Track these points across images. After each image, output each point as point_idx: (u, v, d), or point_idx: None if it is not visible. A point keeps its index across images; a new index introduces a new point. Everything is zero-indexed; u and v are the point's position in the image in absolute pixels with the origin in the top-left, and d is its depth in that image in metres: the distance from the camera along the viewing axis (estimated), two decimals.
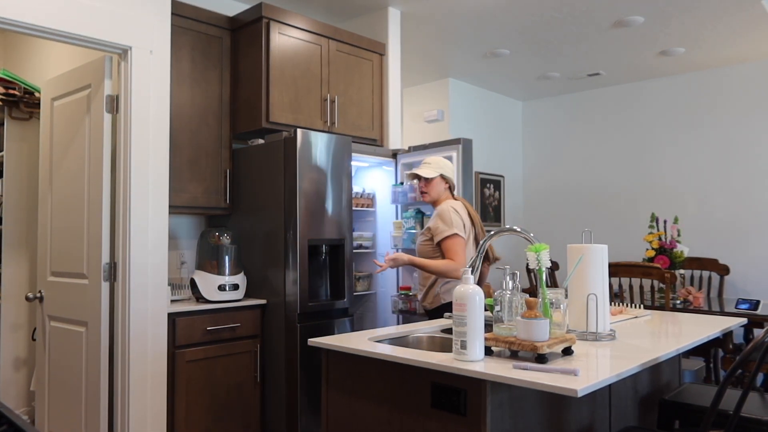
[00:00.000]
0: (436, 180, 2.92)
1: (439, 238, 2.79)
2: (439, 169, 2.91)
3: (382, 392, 1.82)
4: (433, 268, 2.78)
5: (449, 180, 2.95)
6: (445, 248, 2.79)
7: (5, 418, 1.06)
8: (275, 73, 3.31)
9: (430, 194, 2.93)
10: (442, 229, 2.79)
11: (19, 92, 3.65)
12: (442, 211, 2.81)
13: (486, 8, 4.01)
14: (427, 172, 2.89)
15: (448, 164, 2.95)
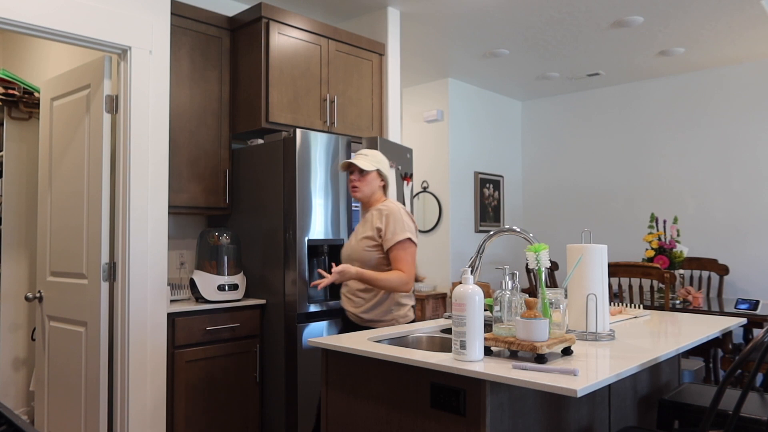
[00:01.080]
0: (373, 175, 2.55)
1: (391, 243, 2.42)
2: (376, 163, 2.55)
3: (382, 392, 1.82)
4: (383, 282, 2.39)
5: (385, 178, 2.61)
6: (395, 256, 2.43)
7: (4, 418, 1.06)
8: (274, 73, 3.31)
9: (363, 190, 2.54)
10: (395, 232, 2.43)
11: (18, 92, 3.65)
12: (392, 211, 2.47)
13: (485, 8, 4.01)
14: (364, 164, 2.51)
15: (385, 160, 2.62)
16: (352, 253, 2.53)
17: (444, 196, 5.72)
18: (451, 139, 5.73)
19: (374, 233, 2.47)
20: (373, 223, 2.49)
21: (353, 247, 2.53)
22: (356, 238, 2.54)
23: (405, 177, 3.64)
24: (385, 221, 2.45)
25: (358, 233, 2.55)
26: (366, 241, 2.49)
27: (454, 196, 5.75)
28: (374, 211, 2.53)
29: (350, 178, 2.56)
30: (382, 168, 2.58)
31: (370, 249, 2.48)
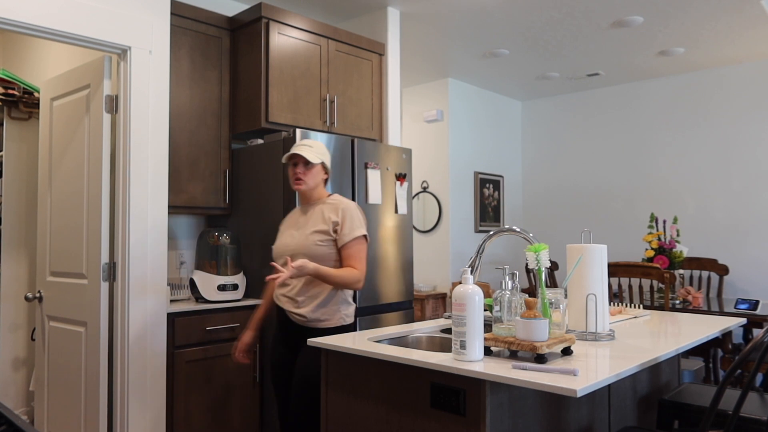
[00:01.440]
0: (318, 167, 2.44)
1: (348, 239, 2.34)
2: (321, 156, 2.44)
3: (382, 392, 1.82)
4: (339, 279, 2.29)
5: (328, 172, 2.52)
6: (350, 252, 2.35)
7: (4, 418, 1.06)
8: (274, 73, 3.32)
9: (307, 182, 2.41)
10: (353, 228, 2.36)
11: (18, 92, 3.65)
12: (349, 207, 2.39)
13: (485, 8, 4.01)
14: (310, 156, 2.38)
15: (328, 153, 2.51)
16: (299, 247, 2.36)
17: (444, 196, 5.72)
18: (451, 139, 5.73)
19: (329, 227, 2.36)
20: (328, 217, 2.37)
21: (300, 242, 2.37)
22: (303, 232, 2.38)
23: (398, 178, 3.64)
24: (342, 216, 2.36)
25: (305, 227, 2.40)
26: (318, 235, 2.35)
27: (454, 196, 5.75)
28: (324, 205, 2.43)
29: (294, 171, 2.42)
30: (327, 161, 2.48)
31: (322, 244, 2.35)
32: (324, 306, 2.36)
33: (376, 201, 3.47)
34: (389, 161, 3.58)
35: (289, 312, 2.39)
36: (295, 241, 2.40)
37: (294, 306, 2.38)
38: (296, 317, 2.37)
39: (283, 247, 2.44)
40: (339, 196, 2.47)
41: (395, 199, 3.62)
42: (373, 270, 3.46)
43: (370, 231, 3.46)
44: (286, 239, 2.45)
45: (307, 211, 2.47)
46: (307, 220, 2.43)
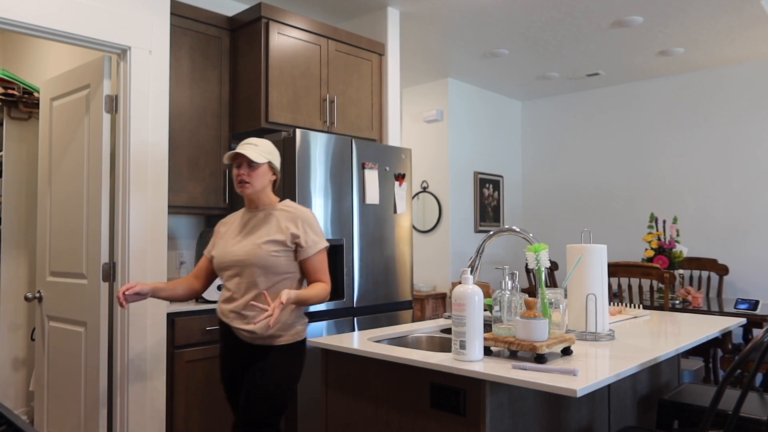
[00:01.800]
0: (264, 168, 2.22)
1: (313, 252, 2.17)
2: (267, 155, 2.22)
3: (382, 392, 1.82)
4: (316, 299, 2.14)
5: (277, 172, 2.29)
6: (316, 266, 2.19)
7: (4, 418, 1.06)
8: (274, 73, 3.32)
9: (253, 185, 2.20)
10: (316, 240, 2.19)
11: (18, 92, 3.65)
12: (308, 216, 2.21)
13: (485, 8, 4.01)
14: (255, 155, 2.17)
15: (276, 152, 2.29)
16: (249, 257, 2.13)
17: (444, 196, 5.72)
18: (450, 139, 5.73)
19: (287, 238, 2.15)
20: (285, 226, 2.17)
21: (250, 251, 2.14)
22: (253, 240, 2.17)
23: (397, 178, 3.64)
24: (302, 228, 2.17)
25: (255, 234, 2.18)
26: (272, 245, 2.14)
27: (454, 196, 5.75)
28: (278, 213, 2.22)
29: (238, 172, 2.19)
30: (275, 160, 2.25)
31: (277, 254, 2.14)
32: (284, 323, 2.16)
33: (374, 201, 3.48)
34: (389, 161, 3.58)
35: (237, 329, 2.18)
36: (244, 249, 2.16)
37: (244, 322, 2.16)
38: (245, 334, 2.16)
39: (229, 256, 2.19)
40: (292, 203, 2.27)
41: (394, 199, 3.62)
42: (373, 270, 3.46)
43: (369, 231, 3.46)
44: (231, 247, 2.20)
45: (255, 216, 2.25)
46: (256, 227, 2.21)
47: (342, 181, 3.31)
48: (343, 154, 3.32)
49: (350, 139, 3.37)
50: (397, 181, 3.62)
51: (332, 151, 3.26)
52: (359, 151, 3.40)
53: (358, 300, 3.38)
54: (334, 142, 3.27)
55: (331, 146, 3.25)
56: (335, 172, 3.28)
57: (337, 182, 3.29)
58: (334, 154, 3.27)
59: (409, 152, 3.72)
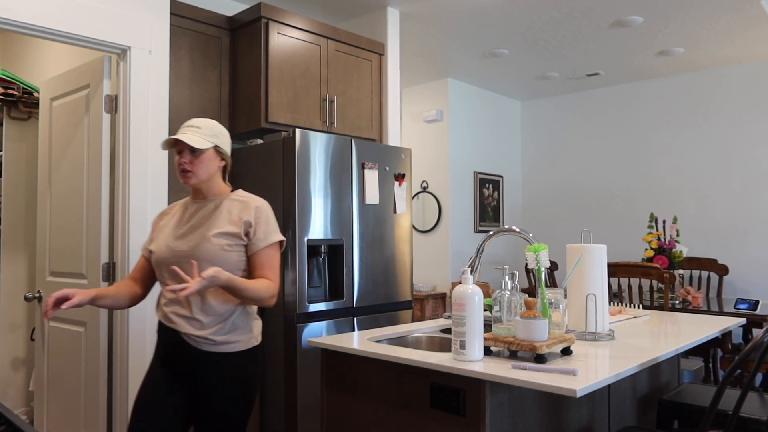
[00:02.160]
0: (209, 153, 1.95)
1: (264, 245, 1.93)
2: (213, 138, 1.95)
3: (381, 392, 1.82)
4: (253, 293, 1.87)
5: (226, 157, 2.01)
6: (264, 260, 1.94)
7: (4, 418, 1.06)
8: (274, 73, 3.32)
9: (198, 174, 1.93)
10: (269, 232, 1.95)
11: (17, 92, 3.65)
12: (263, 206, 1.97)
13: (485, 8, 4.01)
14: (197, 141, 1.90)
15: (224, 132, 2.01)
16: (197, 252, 1.88)
17: (443, 196, 5.72)
18: (450, 139, 5.73)
19: (240, 230, 1.91)
20: (238, 216, 1.93)
21: (198, 245, 1.89)
22: (202, 233, 1.91)
23: (397, 178, 3.64)
24: (255, 217, 1.93)
25: (203, 226, 1.93)
26: (225, 238, 1.90)
27: (454, 196, 5.75)
28: (230, 202, 1.98)
29: (179, 161, 1.93)
30: (223, 144, 1.98)
31: (230, 249, 1.90)
32: (235, 326, 1.93)
33: (373, 201, 3.48)
34: (389, 161, 3.58)
35: (187, 335, 1.90)
36: (190, 243, 1.91)
37: (195, 327, 1.89)
38: (197, 340, 1.89)
39: (171, 251, 1.92)
40: (246, 193, 2.03)
41: (394, 199, 3.62)
42: (372, 270, 3.46)
43: (369, 231, 3.46)
44: (173, 240, 1.94)
45: (204, 207, 1.99)
46: (204, 219, 1.95)
47: (342, 181, 3.31)
48: (342, 154, 3.32)
49: (350, 139, 3.37)
50: (396, 181, 3.62)
51: (332, 151, 3.26)
52: (359, 151, 3.40)
53: (358, 300, 3.38)
54: (333, 142, 3.27)
55: (330, 146, 3.25)
56: (335, 172, 3.28)
57: (337, 182, 3.28)
58: (333, 154, 3.27)
59: (409, 152, 3.72)
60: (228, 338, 1.92)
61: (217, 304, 1.91)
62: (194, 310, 1.90)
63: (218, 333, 1.91)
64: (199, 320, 1.90)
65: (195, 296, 1.90)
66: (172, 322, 1.92)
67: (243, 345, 1.95)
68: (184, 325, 1.91)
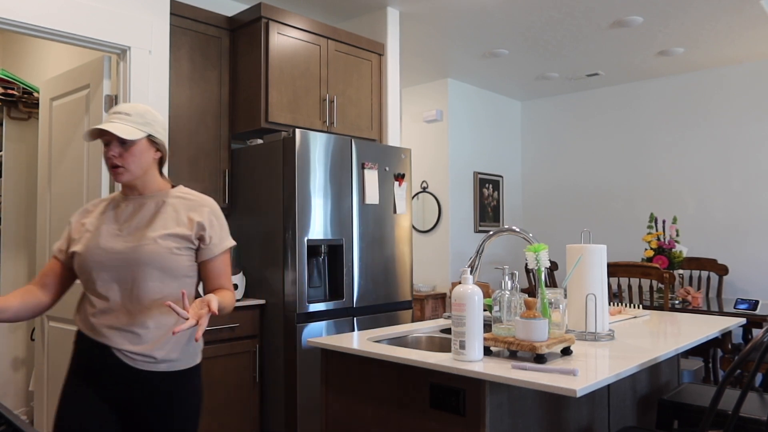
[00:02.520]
0: (142, 145, 1.68)
1: (219, 251, 1.72)
2: (145, 126, 1.68)
3: (381, 392, 1.82)
4: (226, 310, 1.69)
5: (162, 148, 1.75)
6: (222, 268, 1.73)
7: (4, 418, 1.06)
8: (274, 73, 3.32)
9: (131, 169, 1.67)
10: (223, 237, 1.74)
11: (17, 92, 3.65)
12: (214, 207, 1.75)
13: (485, 8, 4.01)
14: (126, 131, 1.63)
15: (158, 118, 1.74)
16: (141, 254, 1.62)
17: (443, 196, 5.72)
18: (450, 139, 5.73)
19: (192, 232, 1.68)
20: (188, 217, 1.70)
21: (144, 247, 1.63)
22: (144, 234, 1.65)
23: (397, 178, 3.64)
24: (210, 219, 1.71)
25: (145, 227, 1.67)
26: (173, 240, 1.65)
27: (454, 196, 5.75)
28: (175, 200, 1.73)
29: (107, 154, 1.65)
30: (156, 132, 1.72)
31: (179, 252, 1.66)
32: (182, 341, 1.69)
33: (373, 201, 3.48)
34: (388, 161, 3.58)
35: (120, 351, 1.62)
36: (131, 244, 1.64)
37: (131, 341, 1.63)
38: (133, 358, 1.62)
39: (107, 253, 1.64)
40: (191, 190, 1.80)
41: (394, 199, 3.62)
42: (372, 270, 3.46)
43: (369, 231, 3.46)
44: (108, 242, 1.66)
45: (143, 205, 1.72)
46: (146, 218, 1.69)
47: (342, 181, 3.31)
48: (342, 154, 3.32)
49: (350, 139, 3.38)
50: (396, 181, 3.62)
51: (332, 151, 3.26)
52: (359, 151, 3.40)
53: (358, 300, 3.38)
54: (333, 142, 3.27)
55: (330, 146, 3.25)
56: (335, 172, 3.28)
57: (337, 182, 3.28)
58: (333, 154, 3.27)
59: (409, 152, 3.72)
60: (174, 356, 1.67)
61: (160, 314, 1.64)
62: (133, 322, 1.63)
63: (159, 348, 1.64)
64: (137, 333, 1.63)
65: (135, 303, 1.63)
66: (102, 336, 1.63)
67: (186, 363, 1.71)
68: (118, 339, 1.62)
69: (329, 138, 3.25)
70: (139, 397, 1.65)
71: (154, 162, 1.74)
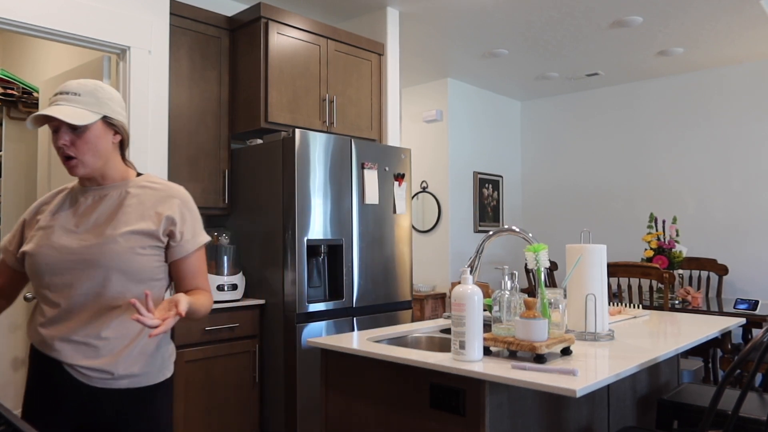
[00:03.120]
0: (97, 130, 1.44)
1: (194, 248, 1.51)
2: (99, 106, 1.44)
3: (381, 392, 1.82)
4: (203, 312, 1.49)
5: (121, 130, 1.50)
6: (197, 266, 1.53)
7: (3, 419, 1.06)
8: (274, 73, 3.31)
9: (86, 161, 1.43)
10: (196, 231, 1.52)
11: (17, 92, 3.65)
12: (185, 197, 1.53)
13: (485, 8, 4.01)
14: (72, 114, 1.39)
15: (115, 96, 1.51)
16: (101, 254, 1.40)
17: (443, 196, 5.72)
18: (450, 139, 5.73)
19: (159, 228, 1.45)
20: (155, 210, 1.47)
21: (103, 247, 1.40)
22: (104, 232, 1.42)
23: (397, 178, 3.64)
24: (181, 212, 1.49)
25: (111, 225, 1.44)
26: (137, 238, 1.43)
27: (454, 196, 5.75)
28: (141, 191, 1.50)
29: (58, 144, 1.42)
30: (112, 112, 1.47)
31: (143, 252, 1.43)
32: (142, 352, 1.46)
33: (373, 201, 3.48)
34: (388, 161, 3.58)
35: (73, 366, 1.40)
36: (88, 243, 1.41)
37: (84, 355, 1.40)
38: (87, 374, 1.41)
39: (59, 254, 1.42)
40: (159, 178, 1.56)
41: (394, 199, 3.62)
42: (372, 270, 3.46)
43: (369, 231, 3.46)
44: (62, 240, 1.43)
45: (104, 197, 1.49)
46: (107, 212, 1.46)
47: (341, 181, 3.31)
48: (342, 154, 3.32)
49: (350, 139, 3.37)
50: (396, 181, 3.62)
51: (332, 151, 3.26)
52: (359, 151, 3.40)
53: (358, 300, 3.38)
54: (333, 142, 3.27)
55: (330, 146, 3.25)
56: (335, 172, 3.28)
57: (337, 182, 3.28)
58: (333, 154, 3.27)
59: (409, 152, 3.72)
60: (136, 370, 1.44)
61: (121, 323, 1.42)
62: (87, 331, 1.40)
63: (120, 362, 1.42)
64: (94, 346, 1.40)
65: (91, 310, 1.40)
66: (53, 349, 1.41)
67: (151, 378, 1.48)
68: (70, 353, 1.40)
69: (329, 138, 3.25)
70: (96, 422, 1.42)
71: (114, 147, 1.49)
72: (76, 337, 1.40)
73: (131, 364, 1.44)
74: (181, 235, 1.48)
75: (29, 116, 1.35)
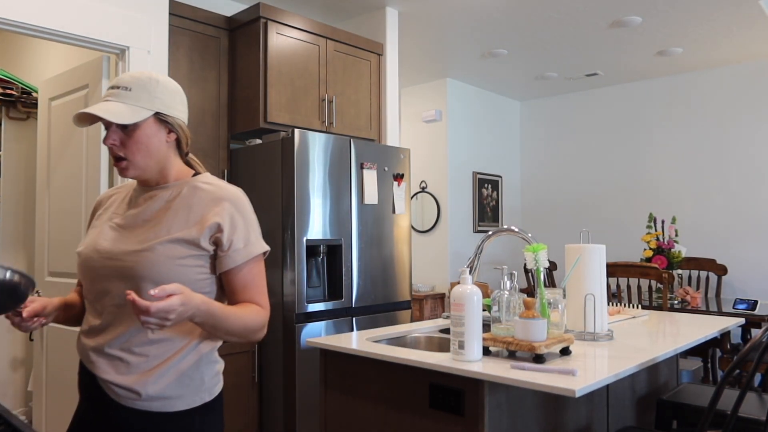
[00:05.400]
0: (148, 128, 1.31)
1: (245, 258, 1.31)
2: (151, 102, 1.30)
3: (380, 392, 1.82)
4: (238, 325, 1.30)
5: (177, 129, 1.36)
6: (249, 279, 1.33)
7: (2, 419, 1.06)
8: (273, 73, 3.31)
9: (137, 162, 1.31)
10: (250, 240, 1.33)
11: (16, 92, 3.65)
12: (241, 202, 1.34)
13: (484, 8, 4.01)
14: (119, 113, 1.27)
15: (172, 88, 1.35)
16: (135, 263, 1.25)
17: (442, 196, 5.72)
18: (449, 139, 5.73)
19: (205, 235, 1.28)
20: (202, 215, 1.30)
21: (138, 255, 1.26)
22: (146, 236, 1.29)
23: (396, 178, 3.64)
24: (231, 218, 1.30)
25: (148, 226, 1.31)
26: (177, 247, 1.27)
27: (453, 196, 5.75)
28: (193, 191, 1.34)
29: (107, 143, 1.30)
30: (166, 107, 1.32)
31: (184, 263, 1.27)
32: (179, 373, 1.29)
33: (372, 201, 3.48)
34: (387, 161, 3.58)
35: (105, 382, 1.28)
36: (124, 249, 1.28)
37: (122, 372, 1.27)
38: (117, 391, 1.27)
39: (100, 258, 1.31)
40: (217, 179, 1.38)
41: (393, 199, 3.62)
42: (371, 270, 3.46)
43: (368, 231, 3.46)
44: (105, 243, 1.32)
45: (154, 196, 1.36)
46: (153, 215, 1.33)
47: (340, 181, 3.31)
48: (341, 154, 3.32)
49: (349, 139, 3.37)
50: (395, 181, 3.62)
51: (331, 151, 3.26)
52: (358, 151, 3.40)
53: (357, 300, 3.38)
54: (332, 142, 3.27)
55: (329, 146, 3.25)
56: (334, 172, 3.27)
57: (336, 182, 3.28)
58: (332, 154, 3.27)
59: (408, 152, 3.72)
60: (167, 392, 1.27)
61: (157, 339, 1.27)
62: (119, 343, 1.27)
63: (147, 383, 1.26)
64: (125, 361, 1.26)
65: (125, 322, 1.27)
66: (89, 361, 1.30)
67: (186, 403, 1.30)
68: (104, 367, 1.28)
69: (328, 138, 3.25)
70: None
71: (170, 147, 1.35)
72: (111, 350, 1.28)
73: (163, 385, 1.27)
74: (230, 243, 1.29)
75: (74, 114, 1.30)
